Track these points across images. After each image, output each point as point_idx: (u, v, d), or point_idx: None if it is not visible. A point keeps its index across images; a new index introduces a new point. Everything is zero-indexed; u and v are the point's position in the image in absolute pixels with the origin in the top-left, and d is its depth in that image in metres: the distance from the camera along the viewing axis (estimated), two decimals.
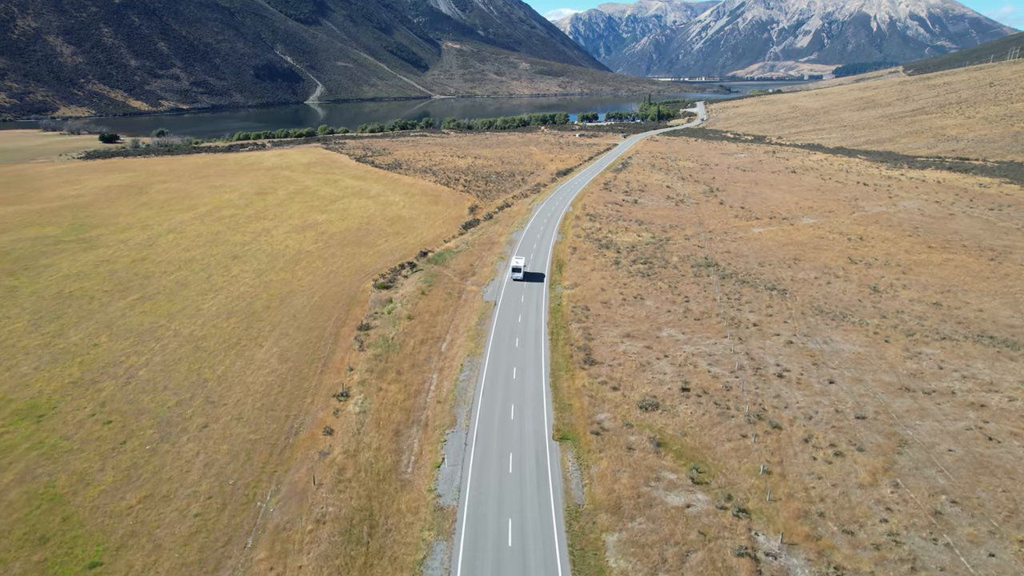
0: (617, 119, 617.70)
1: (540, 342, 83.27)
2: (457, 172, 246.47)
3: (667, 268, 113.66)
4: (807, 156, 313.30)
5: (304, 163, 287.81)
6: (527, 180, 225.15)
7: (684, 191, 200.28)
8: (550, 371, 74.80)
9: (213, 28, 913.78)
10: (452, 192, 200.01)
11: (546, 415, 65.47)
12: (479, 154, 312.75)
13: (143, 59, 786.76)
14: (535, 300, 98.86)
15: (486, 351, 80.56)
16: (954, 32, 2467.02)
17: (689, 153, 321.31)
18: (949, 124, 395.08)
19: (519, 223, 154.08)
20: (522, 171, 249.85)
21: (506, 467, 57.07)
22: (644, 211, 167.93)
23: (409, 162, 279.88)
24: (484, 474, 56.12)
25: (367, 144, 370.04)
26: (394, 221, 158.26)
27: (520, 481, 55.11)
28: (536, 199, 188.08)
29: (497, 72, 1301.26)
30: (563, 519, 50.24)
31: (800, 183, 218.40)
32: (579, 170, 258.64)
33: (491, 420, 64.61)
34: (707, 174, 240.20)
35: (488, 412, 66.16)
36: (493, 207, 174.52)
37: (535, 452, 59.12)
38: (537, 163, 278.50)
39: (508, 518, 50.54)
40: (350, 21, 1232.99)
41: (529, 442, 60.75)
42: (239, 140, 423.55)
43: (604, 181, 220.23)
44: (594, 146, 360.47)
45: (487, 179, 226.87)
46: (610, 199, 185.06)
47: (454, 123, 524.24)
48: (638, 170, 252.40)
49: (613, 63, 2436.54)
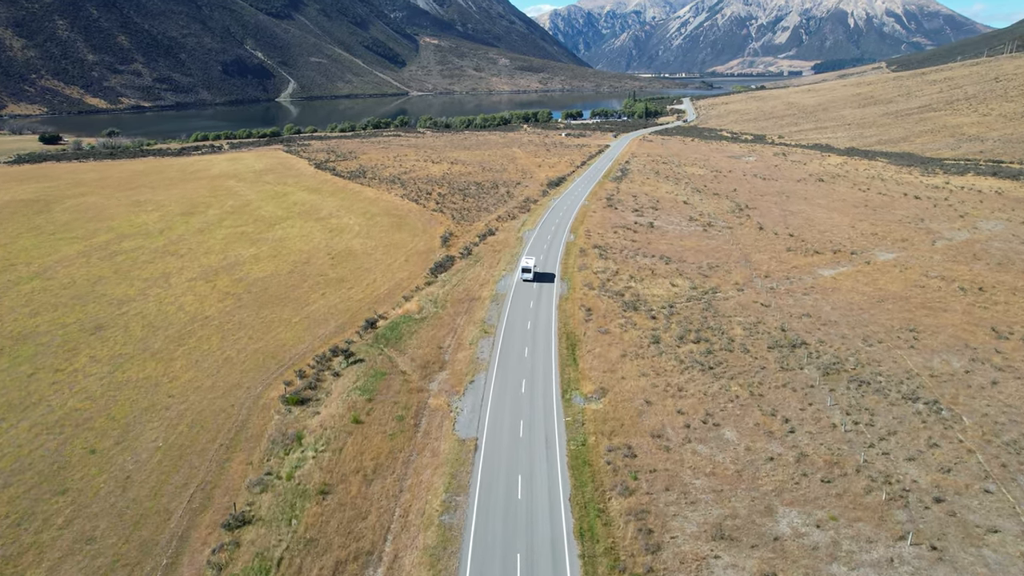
0: (603, 117, 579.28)
1: (562, 559, 43.70)
2: (430, 182, 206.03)
3: (733, 351, 74.64)
4: (823, 159, 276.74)
5: (256, 170, 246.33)
6: (513, 193, 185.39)
7: (706, 208, 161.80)
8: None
9: (178, 21, 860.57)
10: (422, 211, 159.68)
11: None
12: (456, 158, 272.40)
13: (102, 53, 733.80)
14: (542, 433, 59.27)
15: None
16: (929, 29, 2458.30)
17: (691, 156, 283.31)
18: (965, 122, 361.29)
19: (507, 262, 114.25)
20: (506, 180, 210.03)
21: None
22: (667, 240, 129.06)
23: (376, 169, 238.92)
24: None
25: (334, 146, 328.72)
26: (341, 259, 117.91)
27: None
28: (526, 221, 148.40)
29: (476, 68, 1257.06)
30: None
31: (838, 196, 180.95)
32: (573, 178, 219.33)
33: None
34: (724, 184, 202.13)
35: None
36: (472, 235, 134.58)
37: None
38: (523, 169, 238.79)
39: None
40: (324, 15, 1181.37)
41: None
42: (195, 141, 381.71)
43: (606, 194, 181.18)
44: (584, 147, 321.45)
45: (465, 192, 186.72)
46: (619, 221, 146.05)
47: (431, 122, 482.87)
48: (642, 179, 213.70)
49: (593, 59, 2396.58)
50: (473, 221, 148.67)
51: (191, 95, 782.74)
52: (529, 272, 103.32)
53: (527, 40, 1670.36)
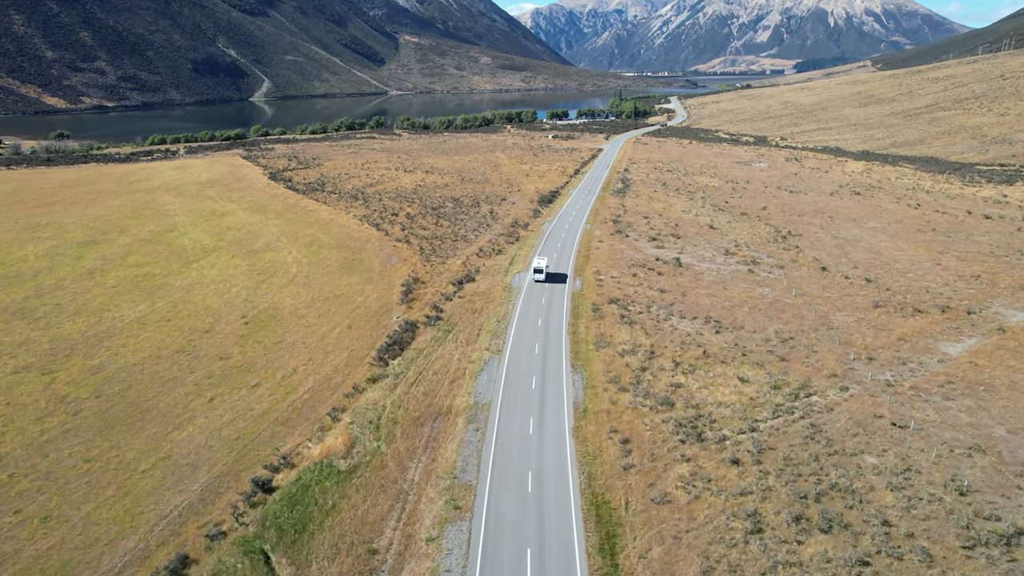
0: (590, 117, 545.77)
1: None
2: (399, 198, 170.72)
3: (902, 558, 40.69)
4: (842, 165, 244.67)
5: (201, 181, 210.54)
6: (497, 213, 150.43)
7: (740, 235, 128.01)
8: None
9: (145, 18, 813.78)
10: (383, 241, 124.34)
11: None
12: (433, 165, 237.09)
13: (62, 51, 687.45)
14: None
15: None
16: (908, 28, 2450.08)
17: (696, 162, 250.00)
18: (983, 123, 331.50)
19: (491, 333, 78.75)
20: (489, 194, 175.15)
21: None
22: (705, 288, 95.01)
23: (338, 180, 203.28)
24: None
25: (299, 150, 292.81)
26: (259, 325, 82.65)
27: None
28: (515, 257, 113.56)
29: (457, 67, 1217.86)
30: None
31: (889, 215, 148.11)
32: (567, 191, 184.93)
33: None
34: (747, 198, 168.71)
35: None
36: (445, 280, 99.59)
37: None
38: (508, 179, 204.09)
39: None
40: (300, 13, 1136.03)
41: None
42: (150, 145, 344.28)
43: (611, 214, 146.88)
44: (574, 151, 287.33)
45: (439, 212, 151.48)
46: (635, 255, 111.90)
47: (408, 122, 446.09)
48: (648, 192, 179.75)
49: (575, 58, 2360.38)
50: (447, 257, 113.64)
51: (159, 94, 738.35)
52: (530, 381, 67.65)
53: (509, 38, 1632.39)
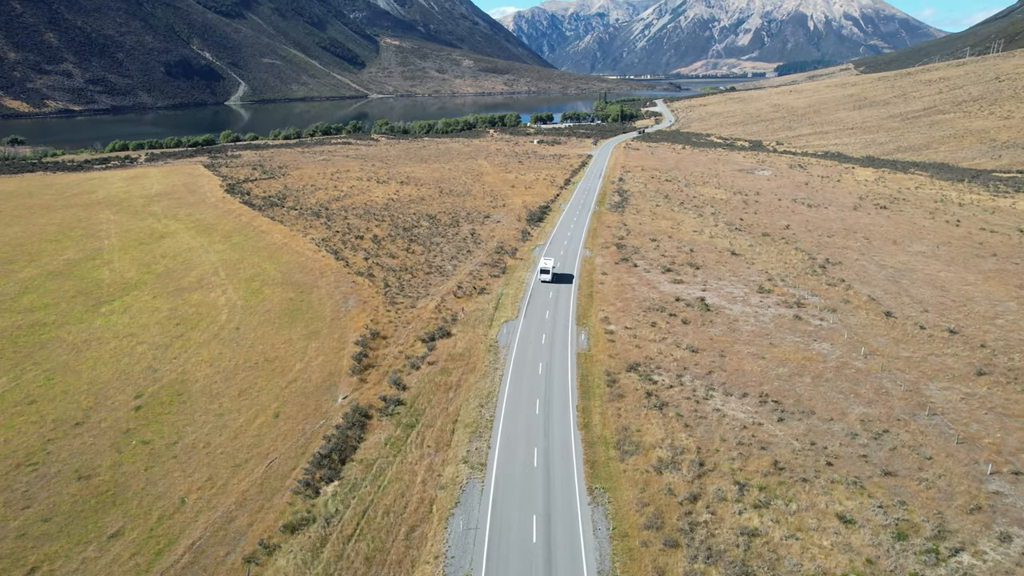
0: (575, 120, 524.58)
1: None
2: (367, 215, 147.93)
3: None
4: (851, 173, 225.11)
5: (151, 194, 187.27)
6: (480, 236, 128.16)
7: (768, 263, 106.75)
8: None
9: (116, 18, 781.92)
10: (340, 275, 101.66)
11: None
12: (410, 174, 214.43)
13: (25, 52, 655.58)
14: None
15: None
16: (886, 32, 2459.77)
17: (694, 170, 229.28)
18: (989, 126, 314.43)
19: (471, 431, 55.93)
20: (471, 211, 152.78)
21: None
22: (747, 344, 73.33)
23: (302, 193, 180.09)
24: None
25: (267, 158, 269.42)
26: (152, 414, 59.07)
27: None
28: (502, 298, 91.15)
29: (439, 70, 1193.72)
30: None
31: (931, 235, 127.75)
32: (558, 205, 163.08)
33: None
34: (763, 214, 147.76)
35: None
36: (411, 336, 76.95)
37: None
38: (492, 191, 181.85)
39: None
40: (278, 15, 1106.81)
41: None
42: (111, 152, 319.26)
43: (613, 236, 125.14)
44: (562, 158, 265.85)
45: (412, 234, 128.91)
46: (648, 294, 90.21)
47: (387, 127, 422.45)
48: (651, 207, 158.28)
49: (557, 61, 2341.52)
50: (417, 296, 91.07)
51: (129, 98, 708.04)
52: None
53: (491, 41, 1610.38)
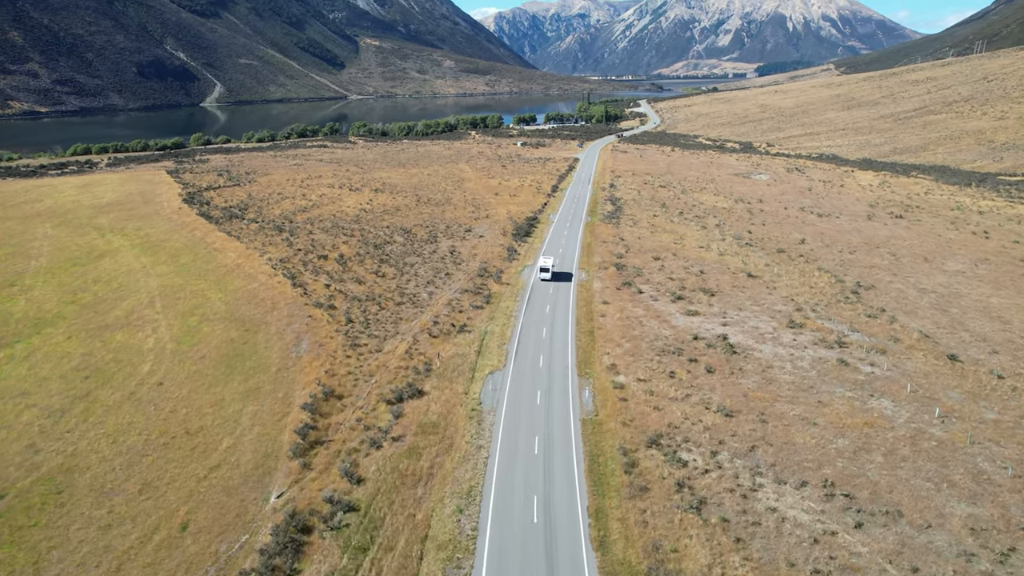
0: (558, 121, 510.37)
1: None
2: (335, 229, 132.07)
3: None
4: (852, 177, 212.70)
5: (101, 204, 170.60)
6: (460, 253, 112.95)
7: (791, 287, 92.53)
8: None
9: (84, 17, 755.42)
10: (296, 306, 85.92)
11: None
12: (386, 180, 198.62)
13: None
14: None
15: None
16: (863, 33, 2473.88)
17: (688, 174, 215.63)
18: (984, 127, 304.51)
19: (446, 555, 40.48)
20: (450, 223, 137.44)
21: None
22: (790, 405, 58.78)
23: (266, 202, 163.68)
24: None
25: (236, 163, 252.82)
26: (12, 526, 44.12)
27: None
28: (487, 337, 75.91)
29: (420, 70, 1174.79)
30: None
31: (961, 249, 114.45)
32: (547, 216, 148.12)
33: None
34: (772, 225, 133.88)
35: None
36: (374, 396, 60.56)
37: None
38: (474, 200, 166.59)
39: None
40: (255, 15, 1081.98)
41: None
42: (72, 155, 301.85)
43: (610, 254, 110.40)
44: (548, 162, 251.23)
45: (383, 253, 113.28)
46: (659, 330, 75.64)
47: (365, 129, 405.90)
48: (647, 216, 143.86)
49: (539, 62, 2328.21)
50: (385, 335, 75.66)
51: (99, 99, 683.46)
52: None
53: (473, 42, 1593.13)
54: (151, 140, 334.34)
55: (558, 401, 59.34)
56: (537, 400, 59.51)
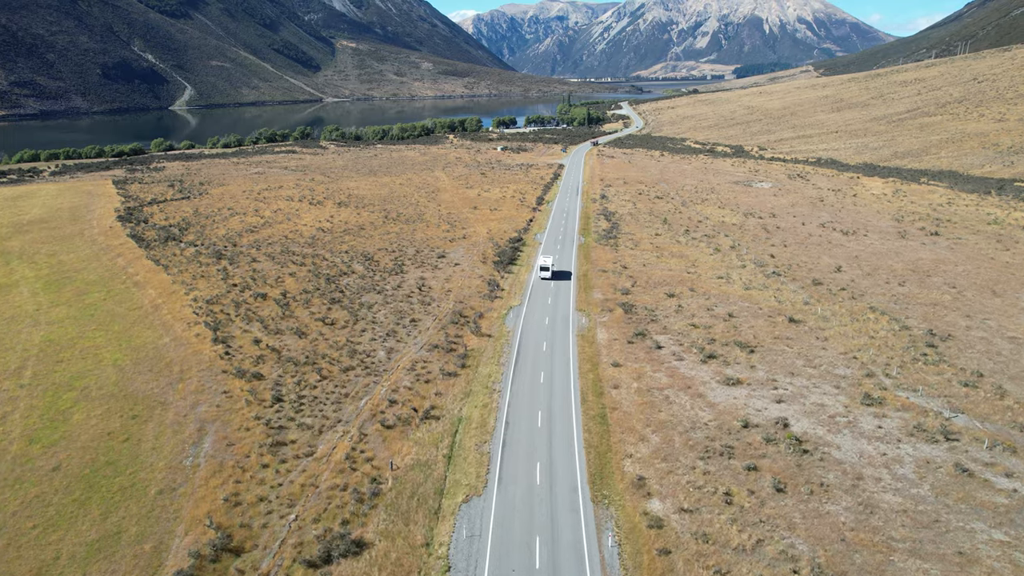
0: (539, 124, 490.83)
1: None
2: (284, 255, 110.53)
3: None
4: (859, 184, 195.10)
5: (23, 221, 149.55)
6: (431, 290, 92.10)
7: (847, 337, 72.67)
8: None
9: (45, 17, 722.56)
10: (211, 373, 63.98)
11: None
12: (352, 191, 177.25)
13: None
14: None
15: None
16: (838, 36, 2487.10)
17: (682, 182, 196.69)
18: (986, 129, 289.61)
19: None
20: (422, 247, 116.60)
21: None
22: (924, 561, 39.66)
23: (211, 220, 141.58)
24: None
25: (194, 171, 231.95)
26: None
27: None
28: (461, 441, 54.61)
29: (397, 72, 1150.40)
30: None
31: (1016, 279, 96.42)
32: (533, 236, 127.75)
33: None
34: (795, 247, 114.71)
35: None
36: (289, 555, 40.45)
37: None
38: (450, 215, 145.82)
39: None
40: (227, 15, 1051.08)
41: None
42: (17, 163, 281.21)
43: (613, 288, 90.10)
44: (531, 168, 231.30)
45: (336, 290, 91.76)
46: (692, 411, 55.49)
47: (337, 133, 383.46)
48: (648, 235, 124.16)
49: (517, 64, 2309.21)
50: (321, 426, 54.77)
51: (61, 102, 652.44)
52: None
53: (451, 44, 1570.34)
54: (108, 146, 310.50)
55: (568, 562, 38.80)
56: (536, 560, 38.95)
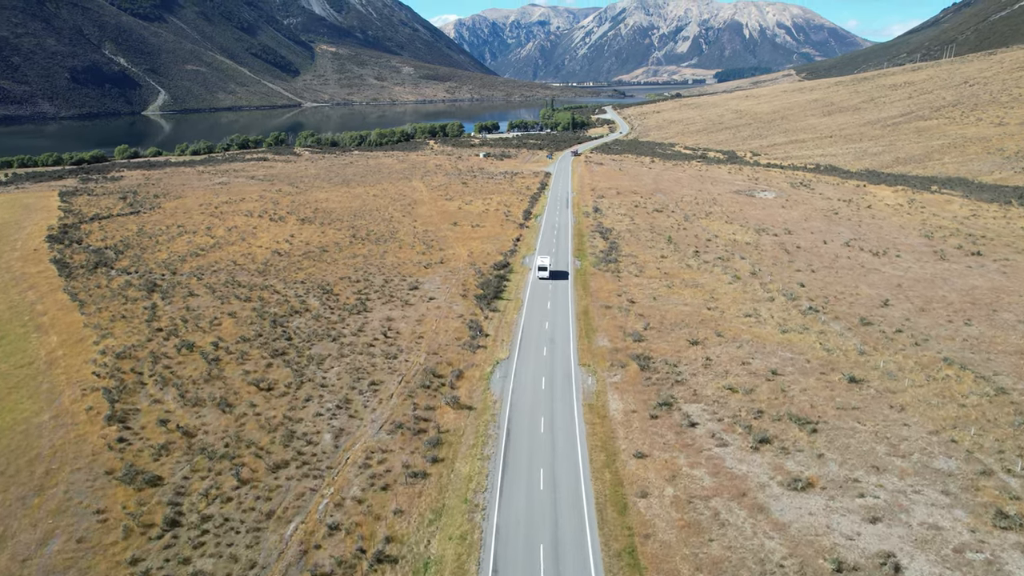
0: (522, 129, 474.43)
1: None
2: (228, 288, 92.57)
3: None
4: (870, 193, 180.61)
5: None
6: (400, 334, 74.46)
7: (932, 409, 56.43)
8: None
9: (10, 18, 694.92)
10: (88, 475, 45.80)
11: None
12: (320, 204, 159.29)
13: None
14: None
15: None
16: (816, 41, 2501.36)
17: (679, 192, 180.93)
18: (988, 134, 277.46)
19: None
20: (391, 274, 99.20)
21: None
22: None
23: (154, 241, 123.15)
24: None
25: (153, 180, 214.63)
26: None
27: None
28: None
29: (378, 77, 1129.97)
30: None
31: None
32: (521, 262, 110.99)
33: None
34: (821, 272, 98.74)
35: None
36: None
37: None
38: (427, 234, 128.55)
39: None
40: (204, 19, 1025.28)
41: None
42: None
43: (624, 337, 72.91)
44: (515, 177, 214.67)
45: (282, 339, 73.64)
46: (755, 537, 38.93)
47: (312, 139, 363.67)
48: (652, 258, 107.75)
49: (499, 68, 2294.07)
50: (230, 573, 38.06)
51: (26, 107, 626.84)
52: None
53: (432, 48, 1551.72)
54: (68, 153, 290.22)
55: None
56: None
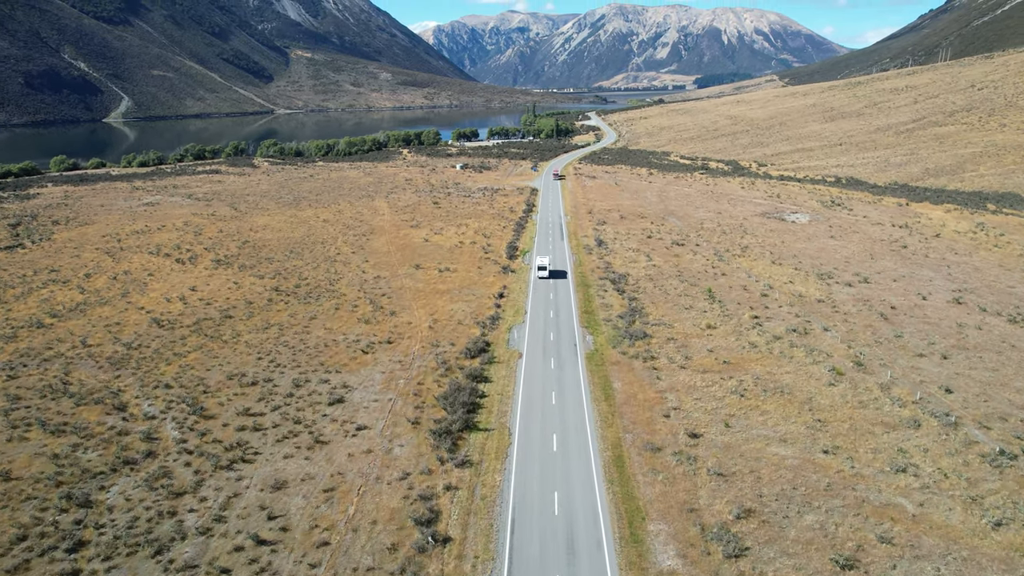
0: (503, 136, 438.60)
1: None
2: (28, 416, 56.58)
3: None
4: (922, 215, 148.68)
5: None
6: (278, 556, 40.75)
7: None
8: None
9: None
10: None
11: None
12: (254, 235, 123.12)
13: None
14: None
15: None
16: (793, 47, 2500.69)
17: (696, 214, 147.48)
18: (1021, 141, 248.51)
19: None
20: (310, 363, 63.66)
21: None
22: None
23: (20, 289, 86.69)
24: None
25: (72, 199, 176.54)
26: None
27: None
28: None
29: (354, 83, 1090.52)
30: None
31: None
32: (506, 338, 76.33)
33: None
34: (958, 362, 65.04)
35: None
36: None
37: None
38: (376, 284, 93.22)
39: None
40: (173, 23, 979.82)
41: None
42: None
43: (710, 541, 40.09)
44: (496, 194, 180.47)
45: (53, 544, 39.00)
46: None
47: (276, 149, 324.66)
48: (693, 329, 73.78)
49: (479, 75, 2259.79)
50: None
51: None
52: None
53: (411, 54, 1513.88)
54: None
55: None
56: None
